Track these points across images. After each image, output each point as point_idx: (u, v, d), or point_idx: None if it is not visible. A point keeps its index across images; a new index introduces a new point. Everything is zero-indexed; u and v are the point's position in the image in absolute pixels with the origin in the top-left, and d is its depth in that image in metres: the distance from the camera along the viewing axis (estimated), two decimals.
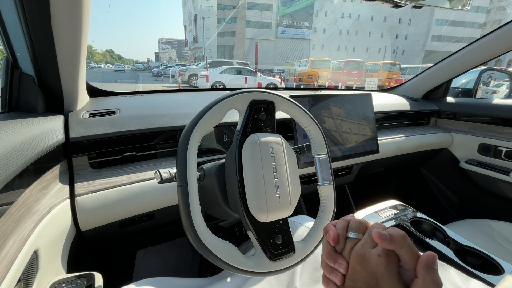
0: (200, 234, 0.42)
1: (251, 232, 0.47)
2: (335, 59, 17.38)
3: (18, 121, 0.55)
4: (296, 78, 15.80)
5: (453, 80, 1.48)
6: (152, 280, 0.56)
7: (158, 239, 1.00)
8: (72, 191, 0.64)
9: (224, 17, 48.07)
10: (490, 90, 6.53)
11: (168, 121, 0.79)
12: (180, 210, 0.43)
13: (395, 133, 1.29)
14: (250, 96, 0.50)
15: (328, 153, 0.58)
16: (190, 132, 0.45)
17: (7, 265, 0.40)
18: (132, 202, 0.69)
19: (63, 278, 0.55)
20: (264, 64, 33.33)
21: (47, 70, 0.63)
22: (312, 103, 0.97)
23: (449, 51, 1.45)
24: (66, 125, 0.69)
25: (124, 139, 0.74)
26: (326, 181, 0.57)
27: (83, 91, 0.80)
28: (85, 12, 0.57)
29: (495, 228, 0.98)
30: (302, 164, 0.92)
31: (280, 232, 0.49)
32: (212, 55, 48.09)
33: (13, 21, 0.56)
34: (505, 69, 2.44)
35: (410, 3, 0.76)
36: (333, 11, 48.56)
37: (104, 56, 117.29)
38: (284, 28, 42.70)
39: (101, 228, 0.68)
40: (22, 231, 0.46)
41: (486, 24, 50.36)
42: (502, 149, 1.23)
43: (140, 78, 19.05)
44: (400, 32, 51.56)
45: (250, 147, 0.48)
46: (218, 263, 0.44)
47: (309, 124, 0.57)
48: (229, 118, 0.84)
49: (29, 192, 0.52)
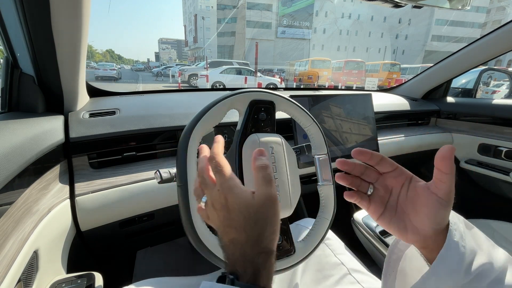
0: (200, 234, 0.42)
1: None
2: (335, 59, 17.40)
3: (18, 121, 0.55)
4: (296, 78, 15.80)
5: (453, 80, 1.48)
6: (152, 280, 0.56)
7: (158, 239, 1.00)
8: (72, 191, 0.64)
9: (224, 17, 48.08)
10: (490, 90, 6.53)
11: (168, 121, 0.79)
12: (180, 210, 0.43)
13: (395, 133, 1.29)
14: (250, 96, 0.50)
15: (328, 153, 0.58)
16: (190, 132, 0.45)
17: (7, 265, 0.40)
18: (132, 202, 0.69)
19: (63, 278, 0.55)
20: (264, 64, 33.34)
21: (47, 70, 0.63)
22: (312, 103, 0.97)
23: (449, 51, 1.45)
24: (66, 125, 0.69)
25: (124, 139, 0.74)
26: (326, 181, 0.56)
27: (83, 91, 0.80)
28: (85, 12, 0.57)
29: (495, 228, 0.98)
30: (302, 164, 0.92)
31: (280, 232, 0.49)
32: (212, 55, 48.10)
33: (13, 21, 0.56)
34: (505, 69, 2.44)
35: (410, 3, 0.76)
36: (333, 11, 48.57)
37: (104, 56, 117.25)
38: (284, 28, 42.72)
39: (101, 228, 0.68)
40: (22, 231, 0.46)
41: (486, 24, 50.36)
42: (502, 149, 1.23)
43: (140, 78, 19.06)
44: (400, 32, 51.57)
45: (250, 147, 0.48)
46: (218, 263, 0.44)
47: (309, 124, 0.57)
48: (229, 118, 0.84)
49: (29, 192, 0.52)
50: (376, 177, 0.35)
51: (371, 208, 0.35)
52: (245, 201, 0.28)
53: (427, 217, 0.30)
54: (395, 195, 0.34)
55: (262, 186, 0.29)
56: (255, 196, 0.28)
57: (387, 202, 0.34)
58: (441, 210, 0.29)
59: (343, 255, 0.64)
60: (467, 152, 1.39)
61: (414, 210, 0.31)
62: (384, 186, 0.35)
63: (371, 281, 0.58)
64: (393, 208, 0.33)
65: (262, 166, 0.29)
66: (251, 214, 0.27)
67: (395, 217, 0.33)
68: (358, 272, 0.60)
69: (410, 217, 0.32)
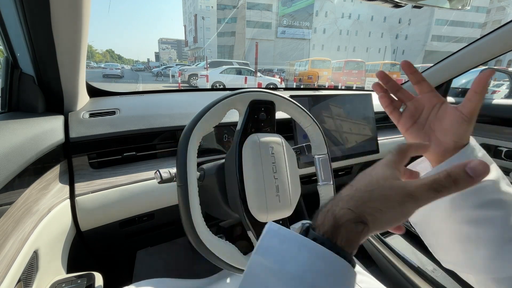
0: (200, 234, 0.42)
1: (251, 232, 0.47)
2: (335, 59, 17.38)
3: (18, 121, 0.55)
4: (296, 78, 15.79)
5: (453, 80, 1.48)
6: (152, 281, 0.56)
7: (158, 239, 1.00)
8: (72, 191, 0.64)
9: (224, 17, 48.07)
10: (490, 90, 6.52)
11: (168, 121, 0.79)
12: (180, 210, 0.43)
13: (395, 133, 1.29)
14: (250, 96, 0.50)
15: (328, 153, 0.58)
16: (190, 132, 0.45)
17: (7, 265, 0.40)
18: (132, 202, 0.69)
19: (63, 278, 0.55)
20: (264, 64, 33.34)
21: (47, 70, 0.63)
22: (312, 103, 0.97)
23: (449, 51, 1.45)
24: (66, 125, 0.69)
25: (124, 139, 0.74)
26: (326, 181, 0.57)
27: (83, 91, 0.80)
28: (85, 12, 0.57)
29: None
30: (302, 164, 0.92)
31: None
32: (212, 55, 48.10)
33: (13, 21, 0.56)
34: (505, 69, 2.44)
35: (410, 3, 0.76)
36: (333, 11, 48.57)
37: (104, 56, 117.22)
38: (284, 28, 42.71)
39: (101, 228, 0.68)
40: (22, 231, 0.46)
41: (486, 24, 50.37)
42: (502, 149, 1.23)
43: (140, 78, 19.05)
44: (400, 32, 51.56)
45: (250, 147, 0.48)
46: (218, 263, 0.44)
47: (309, 124, 0.57)
48: (229, 118, 0.84)
49: (29, 192, 0.52)
50: (410, 98, 0.38)
51: (401, 122, 0.38)
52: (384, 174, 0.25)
53: (450, 130, 0.33)
54: (425, 114, 0.37)
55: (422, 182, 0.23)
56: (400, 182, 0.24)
57: (417, 118, 0.37)
58: (463, 125, 0.32)
59: None
60: None
61: (440, 126, 0.34)
62: (416, 106, 0.38)
63: (369, 281, 0.58)
64: (422, 124, 0.36)
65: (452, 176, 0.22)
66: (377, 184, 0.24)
67: (422, 131, 0.36)
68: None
69: (435, 133, 0.35)
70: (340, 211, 0.22)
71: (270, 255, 0.21)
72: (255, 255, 0.22)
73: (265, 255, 0.21)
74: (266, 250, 0.22)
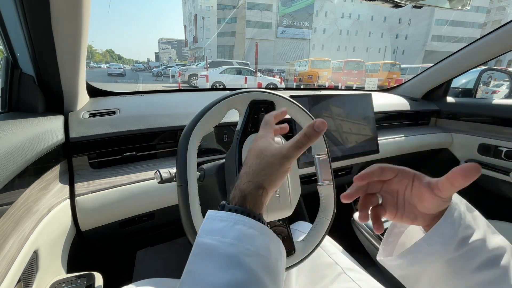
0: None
1: None
2: (335, 59, 17.39)
3: (18, 121, 0.55)
4: (296, 78, 15.80)
5: (453, 80, 1.48)
6: (152, 280, 0.56)
7: (158, 239, 1.00)
8: (72, 191, 0.64)
9: (224, 17, 48.08)
10: (490, 90, 6.53)
11: (168, 121, 0.79)
12: (180, 210, 0.43)
13: (395, 133, 1.29)
14: (250, 96, 0.50)
15: (328, 153, 0.58)
16: (190, 132, 0.45)
17: (7, 265, 0.40)
18: (132, 202, 0.69)
19: (63, 278, 0.55)
20: (264, 64, 33.34)
21: (47, 70, 0.63)
22: (312, 103, 0.97)
23: (449, 51, 1.45)
24: (66, 125, 0.69)
25: (124, 139, 0.74)
26: (326, 181, 0.56)
27: (83, 91, 0.80)
28: (85, 12, 0.57)
29: (495, 228, 0.98)
30: (302, 164, 0.92)
31: (280, 232, 0.49)
32: (212, 55, 48.11)
33: (13, 21, 0.56)
34: (505, 69, 2.44)
35: (410, 3, 0.76)
36: (333, 11, 48.57)
37: (104, 56, 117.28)
38: (284, 28, 42.71)
39: (101, 228, 0.68)
40: (22, 231, 0.46)
41: (486, 24, 50.37)
42: (502, 149, 1.23)
43: (140, 78, 19.05)
44: (400, 32, 51.56)
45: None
46: None
47: None
48: (229, 118, 0.84)
49: (29, 192, 0.52)
50: (380, 186, 0.37)
51: (388, 214, 0.37)
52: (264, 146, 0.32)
53: (432, 209, 0.33)
54: (401, 195, 0.36)
55: (289, 144, 0.31)
56: (276, 147, 0.32)
57: (396, 203, 0.36)
58: (445, 204, 0.32)
59: (336, 254, 0.64)
60: (467, 152, 1.39)
61: (420, 202, 0.33)
62: (390, 191, 0.37)
63: (366, 279, 0.58)
64: (402, 205, 0.36)
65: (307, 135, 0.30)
66: (262, 155, 0.31)
67: (406, 211, 0.36)
68: (353, 271, 0.60)
69: (417, 207, 0.34)
70: (243, 185, 0.30)
71: (207, 232, 0.27)
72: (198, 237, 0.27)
73: (202, 234, 0.27)
74: (203, 231, 0.27)
